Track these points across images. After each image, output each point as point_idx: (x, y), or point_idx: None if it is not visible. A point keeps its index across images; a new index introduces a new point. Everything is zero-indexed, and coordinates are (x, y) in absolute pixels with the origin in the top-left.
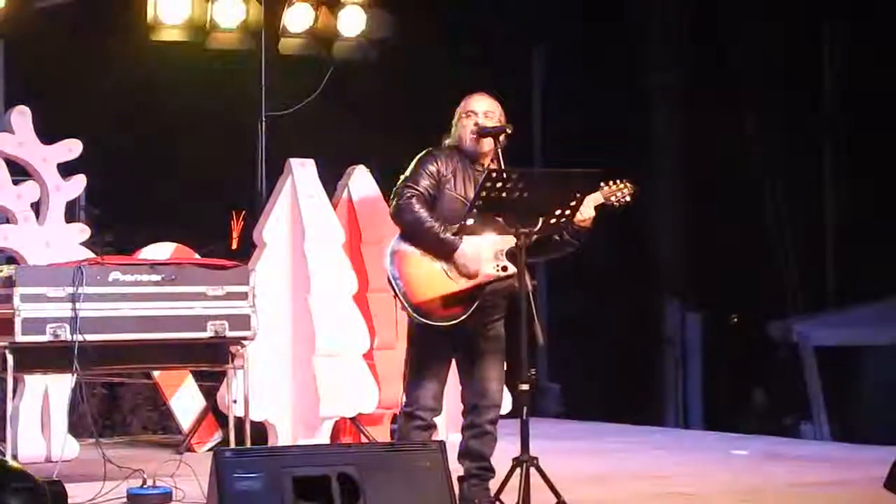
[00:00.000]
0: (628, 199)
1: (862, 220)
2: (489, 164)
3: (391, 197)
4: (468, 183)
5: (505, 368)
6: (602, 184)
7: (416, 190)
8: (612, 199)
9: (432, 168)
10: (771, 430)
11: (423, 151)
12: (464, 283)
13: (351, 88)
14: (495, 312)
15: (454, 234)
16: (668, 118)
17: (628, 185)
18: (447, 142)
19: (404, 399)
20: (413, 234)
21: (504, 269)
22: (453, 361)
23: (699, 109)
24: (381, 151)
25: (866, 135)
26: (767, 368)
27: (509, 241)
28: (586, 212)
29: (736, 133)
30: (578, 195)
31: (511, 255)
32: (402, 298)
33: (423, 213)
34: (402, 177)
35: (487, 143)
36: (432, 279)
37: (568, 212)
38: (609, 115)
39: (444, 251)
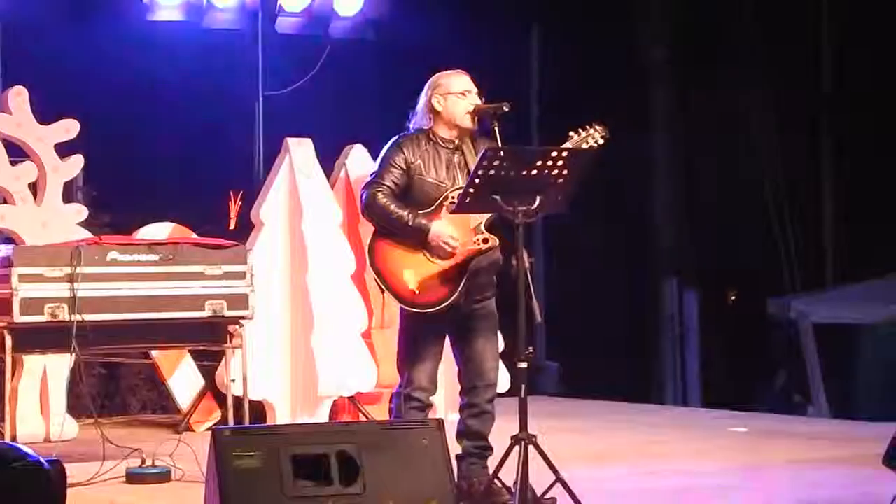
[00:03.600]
0: (601, 141)
1: (862, 195)
2: (461, 144)
3: (361, 193)
4: (439, 165)
5: (501, 347)
6: (571, 132)
7: (383, 184)
8: (584, 146)
9: (398, 159)
10: (770, 408)
11: (388, 143)
12: (446, 264)
13: (348, 67)
14: (485, 290)
15: (427, 218)
16: (668, 94)
17: (597, 127)
18: (415, 124)
19: (399, 381)
20: (384, 225)
21: (485, 241)
22: (447, 340)
23: (698, 85)
24: (379, 130)
25: (867, 108)
26: (766, 345)
27: (486, 214)
28: None
29: (735, 109)
30: (561, 164)
31: (490, 226)
32: (389, 293)
33: (391, 204)
34: (370, 173)
35: (475, 123)
36: (414, 266)
37: (561, 181)
38: (608, 90)
39: (417, 237)
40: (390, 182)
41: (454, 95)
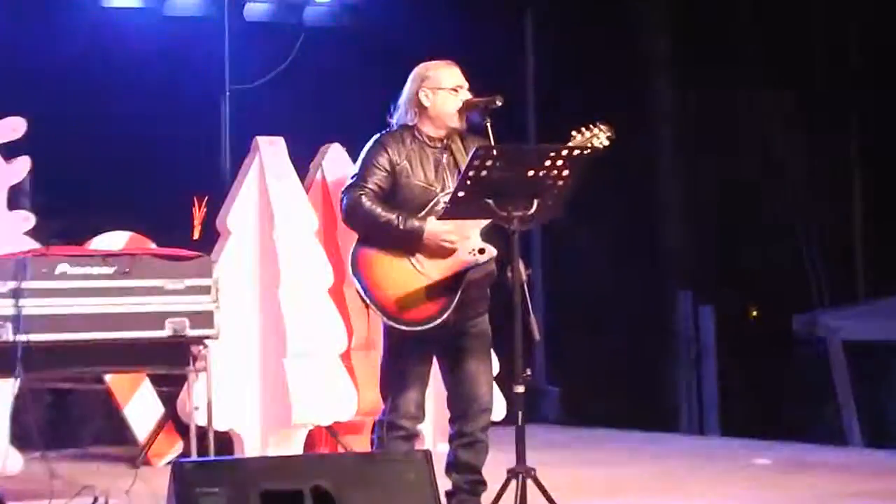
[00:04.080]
0: (606, 142)
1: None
2: (450, 142)
3: (341, 199)
4: (426, 165)
5: (496, 369)
6: (573, 132)
7: (366, 187)
8: (588, 146)
9: (382, 160)
10: (796, 436)
11: (370, 142)
12: (437, 276)
13: (324, 58)
14: (478, 306)
15: (416, 221)
16: (681, 89)
17: (601, 126)
18: (398, 120)
19: (382, 407)
20: (371, 232)
21: (481, 251)
22: (434, 362)
23: (714, 83)
24: (359, 128)
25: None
26: (792, 366)
27: (483, 220)
28: None
29: (752, 107)
30: (568, 170)
31: (486, 234)
32: (373, 307)
33: (377, 208)
34: (349, 176)
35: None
36: (402, 278)
37: (560, 183)
38: (612, 87)
39: (409, 240)
40: (374, 184)
41: (445, 91)
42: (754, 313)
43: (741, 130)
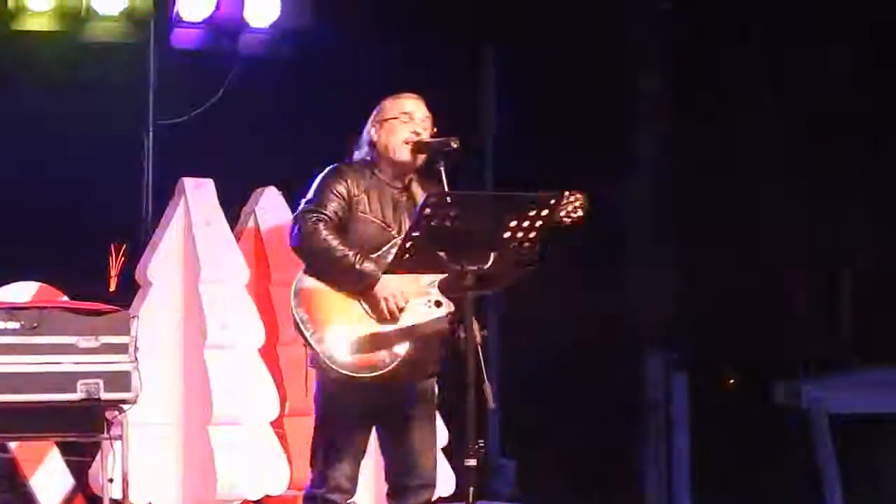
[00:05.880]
0: (580, 212)
1: (888, 259)
2: (410, 184)
3: (293, 223)
4: (385, 203)
5: (444, 440)
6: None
7: (323, 214)
8: (563, 213)
9: (340, 188)
10: None
11: (327, 169)
12: (387, 326)
13: (260, 91)
14: (427, 366)
15: (373, 265)
16: (649, 130)
17: (578, 196)
18: (357, 155)
19: (310, 479)
20: (322, 266)
21: (437, 303)
22: (373, 431)
23: (687, 122)
24: (297, 170)
25: None
26: (772, 440)
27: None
28: None
29: (734, 150)
30: (539, 223)
31: (445, 287)
32: (313, 346)
33: (334, 240)
34: (303, 200)
35: (420, 159)
36: (349, 320)
37: (527, 244)
38: (577, 126)
39: (361, 285)
40: (332, 212)
41: (390, 121)
42: (731, 381)
43: (727, 183)
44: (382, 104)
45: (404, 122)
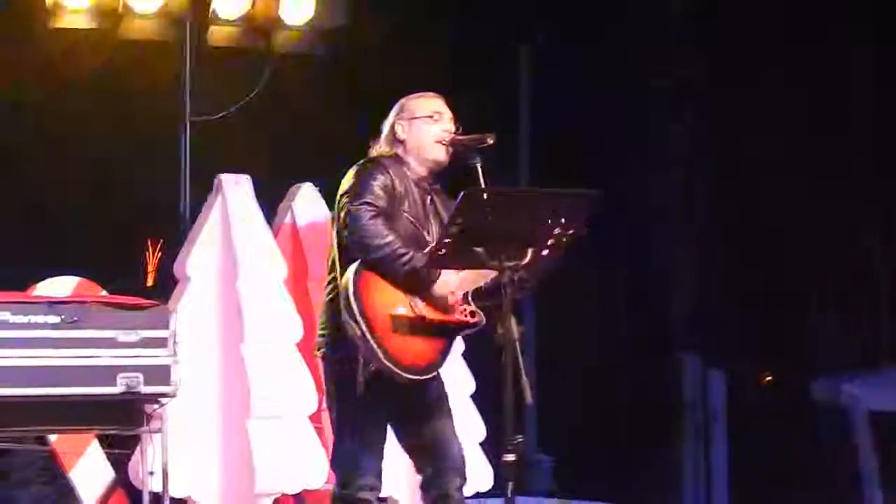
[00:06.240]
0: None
1: None
2: (434, 185)
3: (342, 219)
4: (417, 202)
5: (483, 435)
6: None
7: (378, 208)
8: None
9: (387, 182)
10: None
11: (368, 162)
12: (432, 318)
13: (296, 88)
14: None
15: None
16: (684, 127)
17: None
18: (379, 150)
19: (335, 477)
20: (382, 263)
21: (472, 314)
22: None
23: (722, 116)
24: (333, 166)
25: None
26: (810, 439)
27: (483, 277)
28: None
29: (769, 146)
30: (578, 221)
31: (474, 296)
32: (369, 340)
33: (395, 238)
34: (343, 194)
35: (448, 157)
36: (402, 318)
37: (564, 240)
38: (611, 122)
39: (420, 284)
40: (384, 207)
41: (420, 120)
42: (769, 378)
43: (763, 179)
44: (405, 103)
45: (435, 121)
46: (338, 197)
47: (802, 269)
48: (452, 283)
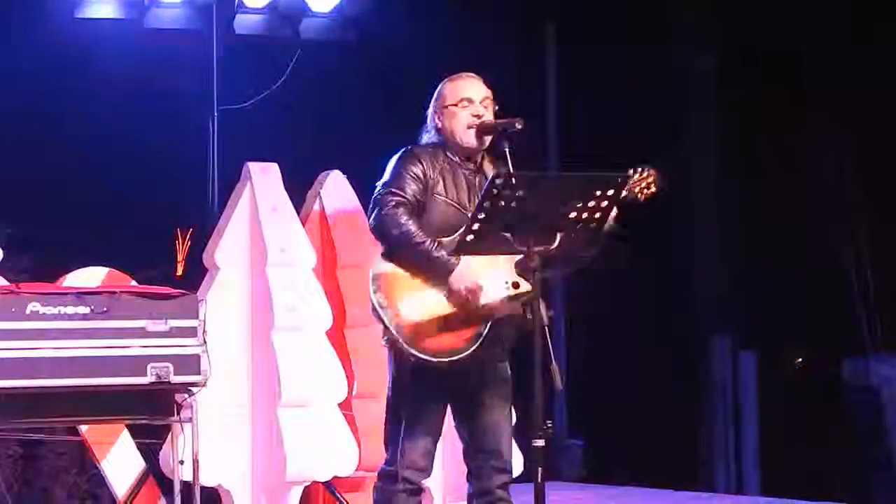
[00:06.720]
0: (653, 188)
1: None
2: (483, 164)
3: (370, 206)
4: (459, 186)
5: (513, 421)
6: (630, 170)
7: (402, 197)
8: (636, 190)
9: (416, 170)
10: (845, 496)
11: (402, 150)
12: (465, 309)
13: (323, 75)
14: (501, 348)
15: (450, 252)
16: (716, 112)
17: (652, 171)
18: (426, 138)
19: (385, 456)
20: (399, 252)
21: (516, 285)
22: (448, 411)
23: (754, 102)
24: (361, 153)
25: None
26: (841, 418)
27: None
28: None
29: (799, 130)
30: (606, 203)
31: (525, 268)
32: (392, 331)
33: (413, 226)
34: (380, 182)
35: (487, 140)
36: (427, 306)
37: (593, 224)
38: (640, 106)
39: (437, 273)
40: (412, 195)
41: (450, 108)
42: (799, 359)
43: (790, 160)
44: (442, 89)
45: (464, 108)
46: None
47: (835, 246)
48: (467, 278)
